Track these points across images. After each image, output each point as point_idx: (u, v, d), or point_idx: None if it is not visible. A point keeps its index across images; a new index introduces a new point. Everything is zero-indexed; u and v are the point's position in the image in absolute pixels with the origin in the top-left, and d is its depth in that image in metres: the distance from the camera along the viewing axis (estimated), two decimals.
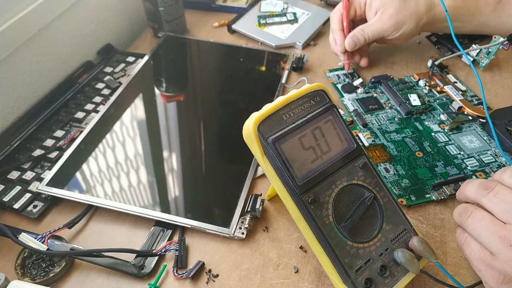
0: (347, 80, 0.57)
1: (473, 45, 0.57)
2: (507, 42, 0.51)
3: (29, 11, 0.51)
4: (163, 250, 0.38)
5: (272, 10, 0.71)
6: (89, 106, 0.54)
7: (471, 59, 0.58)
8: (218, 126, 0.52)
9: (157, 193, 0.43)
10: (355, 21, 0.58)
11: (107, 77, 0.59)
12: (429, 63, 0.58)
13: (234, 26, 0.68)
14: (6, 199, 0.42)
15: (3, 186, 0.44)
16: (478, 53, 0.57)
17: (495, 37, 0.53)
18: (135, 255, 0.38)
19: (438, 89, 0.54)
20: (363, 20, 0.57)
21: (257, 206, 0.40)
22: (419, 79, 0.56)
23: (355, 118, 0.51)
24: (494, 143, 0.47)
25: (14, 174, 0.45)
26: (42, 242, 0.37)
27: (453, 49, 0.60)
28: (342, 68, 0.60)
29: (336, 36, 0.56)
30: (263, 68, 0.61)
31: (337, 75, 0.58)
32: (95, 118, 0.51)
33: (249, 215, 0.40)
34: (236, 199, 0.42)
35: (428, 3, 0.53)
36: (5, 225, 0.39)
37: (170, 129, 0.51)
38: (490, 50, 0.55)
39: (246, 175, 0.44)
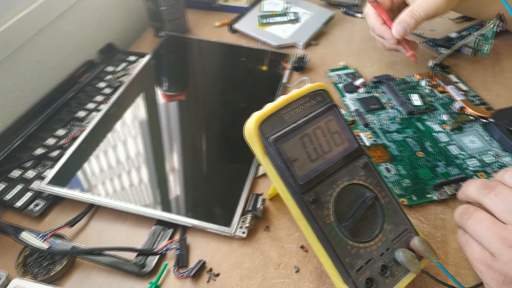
0: (348, 80, 0.57)
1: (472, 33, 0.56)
2: (500, 22, 0.50)
3: (30, 11, 0.51)
4: (164, 249, 0.38)
5: (273, 10, 0.71)
6: (91, 105, 0.54)
7: (472, 50, 0.57)
8: (219, 125, 0.52)
9: (158, 192, 0.43)
10: (393, 9, 0.52)
11: (109, 76, 0.59)
12: (431, 63, 0.58)
13: (235, 26, 0.68)
14: (7, 197, 0.43)
15: (4, 185, 0.44)
16: (477, 43, 0.56)
17: (486, 22, 0.53)
18: (136, 254, 0.38)
19: (440, 89, 0.54)
20: (403, 5, 0.52)
21: (258, 205, 0.40)
22: (420, 79, 0.56)
23: (356, 118, 0.51)
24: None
25: (15, 173, 0.45)
26: (44, 241, 0.38)
27: (451, 48, 0.60)
28: (344, 68, 0.60)
29: (380, 32, 0.50)
30: (265, 68, 0.61)
31: (339, 75, 0.58)
32: (96, 117, 0.51)
33: (250, 215, 0.40)
34: (237, 198, 0.42)
35: None
36: (7, 223, 0.39)
37: (171, 128, 0.51)
38: (486, 35, 0.54)
39: (247, 174, 0.44)
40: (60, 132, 0.51)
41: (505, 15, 0.50)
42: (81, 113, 0.53)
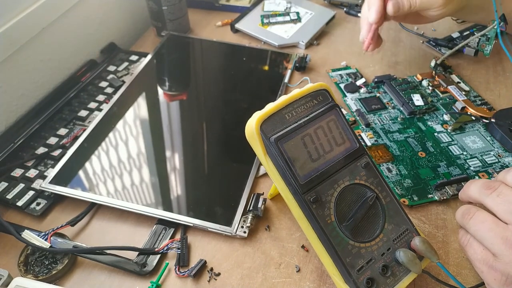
0: (350, 79, 0.57)
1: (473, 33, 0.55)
2: (502, 23, 0.50)
3: (33, 10, 0.51)
4: (165, 248, 0.38)
5: (275, 10, 0.71)
6: (93, 105, 0.55)
7: (474, 50, 0.58)
8: (221, 125, 0.52)
9: (160, 191, 0.43)
10: None
11: (111, 76, 0.59)
12: (432, 63, 0.58)
13: (237, 26, 0.68)
14: (9, 196, 0.43)
15: (6, 184, 0.44)
16: (478, 43, 0.56)
17: (489, 23, 0.53)
18: (137, 253, 0.38)
19: (441, 89, 0.54)
20: None
21: (259, 205, 0.40)
22: (422, 79, 0.56)
23: (357, 118, 0.51)
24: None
25: (17, 172, 0.45)
26: (45, 240, 0.38)
27: (453, 47, 0.60)
28: (345, 68, 0.60)
29: (372, 1, 0.49)
30: (266, 68, 0.61)
31: (340, 74, 0.58)
32: (98, 116, 0.51)
33: (251, 214, 0.40)
34: (238, 198, 0.42)
35: None
36: (8, 222, 0.39)
37: (172, 128, 0.51)
38: (488, 35, 0.54)
39: (248, 174, 0.44)
40: (62, 131, 0.51)
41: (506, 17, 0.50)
42: (83, 112, 0.53)
